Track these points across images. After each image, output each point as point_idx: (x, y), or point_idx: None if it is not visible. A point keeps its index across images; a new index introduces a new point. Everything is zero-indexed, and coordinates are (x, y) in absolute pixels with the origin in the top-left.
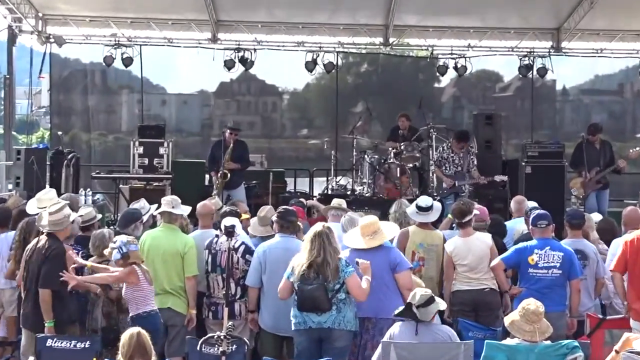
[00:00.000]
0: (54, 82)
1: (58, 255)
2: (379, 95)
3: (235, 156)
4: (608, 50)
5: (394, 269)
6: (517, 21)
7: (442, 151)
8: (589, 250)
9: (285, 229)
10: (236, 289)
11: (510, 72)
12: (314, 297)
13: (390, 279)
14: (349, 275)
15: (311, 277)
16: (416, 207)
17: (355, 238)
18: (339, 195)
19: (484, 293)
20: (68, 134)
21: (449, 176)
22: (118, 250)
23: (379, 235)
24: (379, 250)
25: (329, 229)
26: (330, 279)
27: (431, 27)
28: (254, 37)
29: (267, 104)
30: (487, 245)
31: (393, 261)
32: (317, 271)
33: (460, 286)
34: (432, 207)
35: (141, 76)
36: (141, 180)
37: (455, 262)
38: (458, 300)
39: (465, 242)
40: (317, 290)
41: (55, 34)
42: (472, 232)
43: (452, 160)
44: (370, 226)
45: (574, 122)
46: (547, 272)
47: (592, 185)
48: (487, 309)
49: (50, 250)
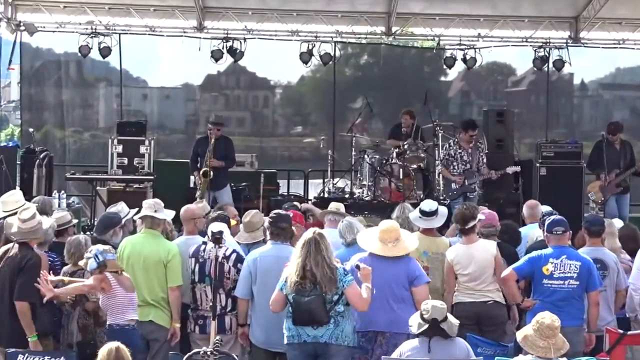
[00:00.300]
0: (24, 74)
1: (34, 266)
2: (380, 90)
3: (219, 153)
4: (631, 41)
5: (412, 282)
6: (532, 9)
7: (449, 148)
8: (608, 259)
9: (276, 235)
10: (227, 301)
11: (524, 65)
12: (311, 310)
13: (406, 291)
14: (348, 285)
15: (307, 287)
16: (420, 212)
17: (373, 242)
18: (337, 199)
19: (487, 306)
20: (40, 131)
21: (457, 175)
22: (94, 259)
23: (401, 245)
24: (398, 260)
25: (319, 235)
26: (325, 289)
27: (438, 15)
28: (244, 25)
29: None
30: (491, 254)
31: (412, 273)
32: (312, 281)
33: (462, 298)
34: (436, 211)
35: (120, 68)
36: (120, 181)
37: (456, 271)
38: (460, 313)
39: (468, 250)
40: (314, 302)
41: (26, 22)
42: (475, 239)
43: (460, 158)
44: (392, 232)
45: (593, 119)
46: (563, 283)
47: (611, 188)
48: (492, 323)
49: (25, 260)
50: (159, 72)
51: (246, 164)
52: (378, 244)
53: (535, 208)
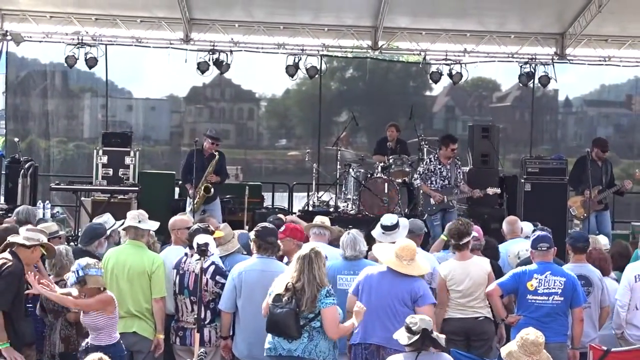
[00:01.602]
0: (9, 83)
1: (11, 274)
2: (365, 104)
3: (216, 168)
4: (616, 58)
5: (415, 301)
6: (518, 25)
7: (429, 163)
8: (593, 276)
9: (263, 250)
10: (205, 313)
11: (510, 81)
12: (280, 323)
13: (406, 309)
14: (325, 307)
15: (283, 300)
16: (381, 227)
17: (389, 255)
18: (321, 212)
19: (478, 322)
20: (25, 141)
21: (436, 191)
22: (74, 273)
23: (415, 265)
24: (406, 278)
25: (315, 253)
26: (304, 308)
27: (424, 29)
28: (230, 37)
29: (242, 111)
30: (485, 271)
31: (415, 292)
32: (291, 296)
33: (452, 314)
34: (397, 224)
35: (106, 79)
36: (105, 192)
37: (449, 287)
38: (449, 328)
39: (462, 266)
40: (285, 316)
41: (13, 31)
42: (469, 256)
43: (439, 173)
44: (410, 251)
45: (578, 136)
46: (548, 298)
47: (593, 205)
48: (480, 338)
49: (3, 267)
50: (144, 83)
51: (231, 177)
52: (394, 258)
53: (514, 224)
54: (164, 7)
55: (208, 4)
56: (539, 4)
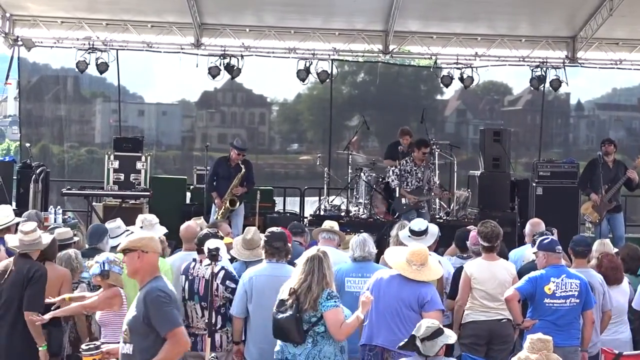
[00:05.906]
0: (22, 89)
1: (43, 277)
2: (376, 108)
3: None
4: (628, 61)
5: (422, 306)
6: (529, 29)
7: (405, 164)
8: (594, 280)
9: (271, 255)
10: (216, 319)
11: (521, 84)
12: (283, 328)
13: (413, 313)
14: (327, 310)
15: (287, 305)
16: (409, 231)
17: (399, 260)
18: (332, 217)
19: (501, 324)
20: (37, 146)
21: (410, 192)
22: (100, 265)
23: (425, 270)
24: (415, 282)
25: (323, 253)
26: (306, 308)
27: (435, 33)
28: (241, 42)
29: (254, 115)
30: (512, 274)
31: (422, 298)
32: (295, 299)
33: (475, 316)
34: (426, 230)
35: (117, 84)
36: (116, 197)
37: (473, 285)
38: (471, 332)
39: (490, 267)
40: (287, 320)
41: (24, 37)
42: (496, 258)
43: (415, 174)
44: (421, 256)
45: (589, 139)
46: (565, 301)
47: (604, 205)
48: (504, 341)
49: (33, 271)
50: (155, 88)
51: None
52: (404, 263)
53: (537, 226)
54: (174, 12)
55: (219, 9)
56: (550, 8)
